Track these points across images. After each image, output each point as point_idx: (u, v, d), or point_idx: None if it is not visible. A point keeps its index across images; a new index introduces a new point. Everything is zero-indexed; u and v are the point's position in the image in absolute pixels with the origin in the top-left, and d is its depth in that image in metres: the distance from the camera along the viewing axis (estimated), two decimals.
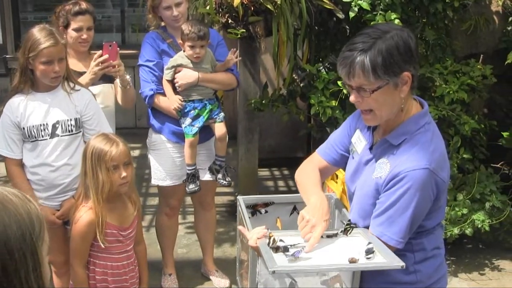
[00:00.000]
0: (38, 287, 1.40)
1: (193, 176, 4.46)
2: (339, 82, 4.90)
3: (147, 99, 4.45)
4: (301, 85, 5.63)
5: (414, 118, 2.55)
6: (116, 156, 3.30)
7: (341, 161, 2.87)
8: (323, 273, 2.52)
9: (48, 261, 1.50)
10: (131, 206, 3.54)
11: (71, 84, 3.89)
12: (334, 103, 4.97)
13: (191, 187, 4.45)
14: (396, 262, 2.32)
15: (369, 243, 2.45)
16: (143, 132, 4.35)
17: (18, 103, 3.80)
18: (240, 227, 2.70)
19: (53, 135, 3.82)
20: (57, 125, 3.82)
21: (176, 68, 4.34)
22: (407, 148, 2.49)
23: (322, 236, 2.55)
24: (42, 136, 3.81)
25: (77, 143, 3.90)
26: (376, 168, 2.56)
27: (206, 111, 4.42)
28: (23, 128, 3.79)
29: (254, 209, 2.98)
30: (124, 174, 3.32)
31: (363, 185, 2.62)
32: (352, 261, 2.33)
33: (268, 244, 2.43)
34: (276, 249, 2.39)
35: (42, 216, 1.45)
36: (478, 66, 5.31)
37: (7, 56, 8.47)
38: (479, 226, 5.02)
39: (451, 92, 4.99)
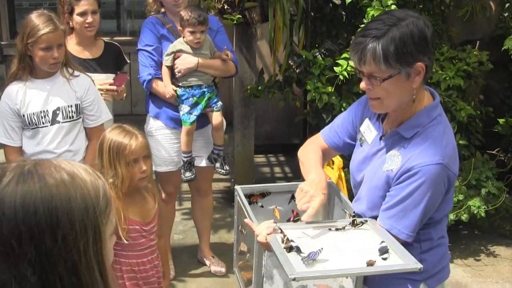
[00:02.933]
0: (98, 262, 1.41)
1: (189, 164, 4.46)
2: (335, 68, 4.90)
3: (145, 84, 4.44)
4: (297, 71, 5.61)
5: (426, 110, 2.50)
6: (136, 149, 3.16)
7: (343, 147, 2.85)
8: None
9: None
10: (151, 199, 3.40)
11: (70, 70, 3.87)
12: (330, 89, 4.97)
13: (187, 175, 4.45)
14: (414, 264, 2.27)
15: (382, 241, 2.40)
16: (139, 119, 4.35)
17: (16, 90, 3.77)
18: (247, 221, 2.62)
19: (53, 121, 3.80)
20: (57, 112, 3.80)
21: (176, 54, 4.32)
22: (420, 142, 2.45)
23: (330, 229, 2.53)
24: (43, 123, 3.79)
25: (77, 129, 3.89)
26: (386, 160, 2.52)
27: (205, 99, 4.41)
28: (23, 116, 3.77)
29: (250, 199, 2.92)
30: (144, 167, 3.19)
31: (373, 177, 2.59)
32: (370, 263, 2.27)
33: (282, 242, 2.38)
34: (289, 249, 2.32)
35: (110, 196, 1.46)
36: (475, 53, 5.30)
37: (2, 43, 8.42)
38: (475, 212, 5.03)
39: (447, 78, 4.99)
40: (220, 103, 4.51)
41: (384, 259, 2.32)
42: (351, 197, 2.88)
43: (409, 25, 2.36)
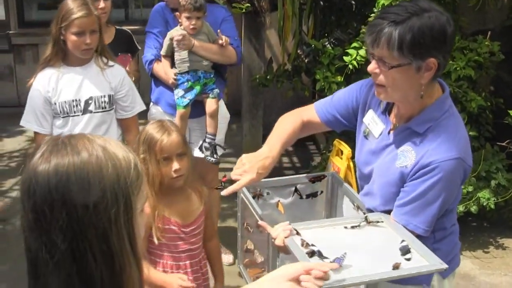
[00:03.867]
0: (128, 232, 1.43)
1: None
2: (345, 58, 4.85)
3: (147, 64, 4.44)
4: (306, 60, 5.58)
5: (437, 103, 2.46)
6: (167, 146, 2.95)
7: (334, 124, 2.80)
8: None
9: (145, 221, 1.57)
10: (197, 199, 3.16)
11: (105, 60, 3.81)
12: (339, 78, 4.93)
13: None
14: (439, 265, 2.23)
15: (402, 240, 2.36)
16: (146, 109, 4.32)
17: (49, 77, 3.70)
18: (262, 223, 2.53)
19: (85, 111, 3.74)
20: (90, 101, 3.74)
21: (173, 40, 4.29)
22: (434, 137, 2.40)
23: (346, 227, 2.48)
24: (74, 112, 3.73)
25: (109, 120, 3.84)
26: (399, 156, 2.48)
27: (200, 84, 4.37)
28: (55, 103, 3.70)
29: (253, 194, 2.85)
30: (176, 167, 2.95)
31: (385, 172, 2.54)
32: (396, 266, 2.22)
33: (302, 245, 2.33)
34: (311, 253, 2.27)
35: (142, 170, 1.49)
36: (486, 43, 5.23)
37: (10, 32, 8.41)
38: (484, 204, 5.00)
39: (458, 68, 4.94)
40: (216, 90, 4.46)
41: (408, 259, 2.27)
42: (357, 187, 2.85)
43: (431, 17, 2.30)
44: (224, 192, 2.48)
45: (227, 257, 4.84)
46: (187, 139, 4.13)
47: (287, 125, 2.76)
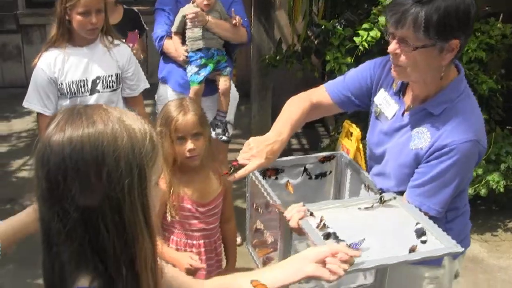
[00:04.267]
0: (142, 203, 1.43)
1: None
2: (355, 39, 4.81)
3: (157, 41, 4.40)
4: (316, 41, 5.54)
5: (453, 85, 2.44)
6: (181, 126, 2.93)
7: (347, 104, 2.76)
8: None
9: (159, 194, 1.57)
10: (216, 180, 3.15)
11: (110, 39, 3.78)
12: (349, 59, 4.89)
13: None
14: (455, 248, 2.22)
15: (417, 222, 2.35)
16: (154, 89, 4.30)
17: (54, 57, 3.66)
18: (275, 204, 2.51)
19: (93, 91, 3.72)
20: (97, 81, 3.72)
21: (186, 18, 4.25)
22: (450, 118, 2.38)
23: (359, 208, 2.47)
24: (82, 93, 3.70)
25: (116, 100, 3.82)
26: (413, 137, 2.46)
27: (213, 61, 4.34)
28: (61, 84, 3.66)
29: (265, 174, 2.84)
30: (190, 147, 2.93)
31: (399, 154, 2.53)
32: (412, 249, 2.21)
33: (317, 227, 2.31)
34: (327, 236, 2.26)
35: (157, 142, 1.50)
36: (498, 25, 5.18)
37: (18, 12, 8.38)
38: (494, 187, 4.98)
39: (469, 51, 4.89)
40: (229, 68, 4.45)
41: (423, 242, 2.26)
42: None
43: None
44: (231, 178, 2.44)
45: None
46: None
47: (295, 108, 2.70)
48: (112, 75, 3.77)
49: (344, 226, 2.32)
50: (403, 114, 2.54)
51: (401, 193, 2.53)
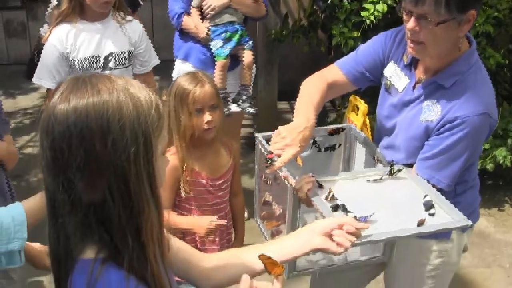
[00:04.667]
0: (148, 173, 1.42)
1: (224, 100, 4.39)
2: (362, 13, 4.78)
3: (175, 19, 4.36)
4: (322, 16, 5.52)
5: (465, 57, 2.42)
6: (200, 97, 2.88)
7: (361, 81, 2.73)
8: None
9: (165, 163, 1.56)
10: (227, 154, 3.14)
11: (122, 14, 3.71)
12: (356, 34, 4.87)
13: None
14: (463, 221, 2.21)
15: (426, 195, 2.34)
16: (161, 66, 4.26)
17: (66, 32, 3.58)
18: (284, 174, 2.48)
19: (105, 67, 3.66)
20: (109, 58, 3.66)
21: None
22: (461, 91, 2.37)
23: (368, 180, 2.47)
24: (94, 69, 3.64)
25: (127, 76, 3.74)
26: (423, 110, 2.45)
27: (237, 35, 4.33)
28: (73, 60, 3.60)
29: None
30: (208, 118, 2.89)
31: (409, 127, 2.52)
32: (420, 223, 2.20)
33: (326, 199, 2.31)
34: (335, 207, 2.25)
35: (163, 112, 1.48)
36: None
37: None
38: (501, 162, 4.97)
39: (477, 25, 4.86)
40: (251, 42, 4.44)
41: (431, 215, 2.25)
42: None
43: None
44: (269, 170, 2.37)
45: None
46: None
47: (314, 90, 2.66)
48: (124, 52, 3.71)
49: (352, 198, 2.31)
50: (414, 87, 2.52)
51: (411, 165, 2.52)
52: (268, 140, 2.78)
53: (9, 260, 2.15)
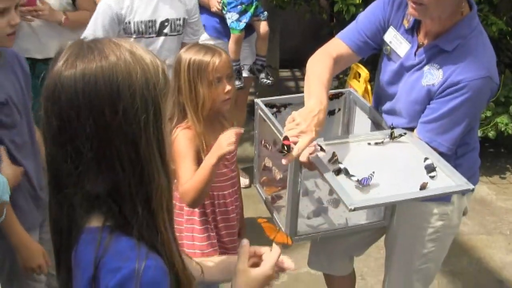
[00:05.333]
0: (157, 139, 1.39)
1: (238, 72, 4.40)
2: None
3: None
4: None
5: (466, 21, 2.40)
6: (220, 66, 2.76)
7: (365, 50, 2.70)
8: None
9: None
10: (228, 126, 2.93)
11: None
12: (358, 0, 4.84)
13: (236, 83, 4.32)
14: (466, 185, 2.22)
15: (426, 158, 2.34)
16: None
17: None
18: (287, 140, 2.37)
19: (160, 33, 3.62)
20: (165, 24, 3.62)
21: None
22: (463, 55, 2.36)
23: (369, 143, 2.46)
24: (149, 34, 3.59)
25: (178, 45, 3.71)
26: (425, 74, 2.45)
27: (253, 7, 4.34)
28: (128, 23, 3.52)
29: (272, 109, 2.82)
30: (228, 87, 2.79)
31: (411, 91, 2.51)
32: (423, 186, 2.20)
33: (328, 162, 2.31)
34: (338, 171, 2.24)
35: (168, 77, 1.44)
36: None
37: None
38: (502, 129, 4.96)
39: None
40: (266, 12, 4.44)
41: (432, 177, 2.26)
42: None
43: None
44: (285, 160, 2.28)
45: (243, 180, 4.85)
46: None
47: (322, 69, 2.61)
48: (180, 19, 3.67)
49: (354, 162, 2.31)
50: (415, 53, 2.51)
51: (412, 129, 2.52)
52: (267, 105, 2.78)
53: None
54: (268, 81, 4.54)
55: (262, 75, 4.52)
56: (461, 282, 4.03)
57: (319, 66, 2.62)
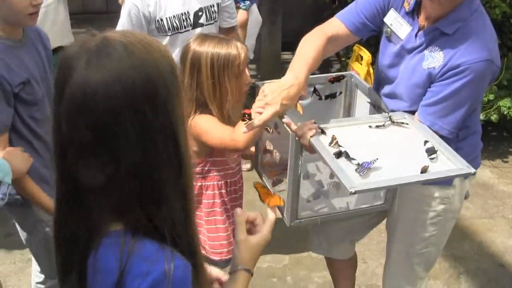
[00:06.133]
0: (184, 128, 1.32)
1: None
2: None
3: None
4: None
5: (466, 3, 2.38)
6: (245, 58, 2.66)
7: (363, 31, 2.67)
8: None
9: None
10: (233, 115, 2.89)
11: None
12: None
13: None
14: (467, 169, 2.20)
15: (426, 141, 2.33)
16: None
17: None
18: (286, 120, 2.42)
19: (195, 24, 3.41)
20: (200, 13, 3.41)
21: None
22: (464, 37, 2.34)
23: (370, 126, 2.45)
24: (185, 27, 3.38)
25: (216, 32, 3.50)
26: (426, 57, 2.43)
27: None
28: (160, 20, 3.31)
29: None
30: (249, 77, 2.72)
31: (411, 74, 2.49)
32: (424, 169, 2.19)
33: (329, 145, 2.29)
34: (338, 154, 2.23)
35: (176, 66, 1.35)
36: None
37: None
38: (505, 113, 4.95)
39: None
40: (248, 2, 4.38)
41: (433, 159, 2.25)
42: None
43: None
44: (244, 130, 2.30)
45: (245, 164, 4.85)
46: None
47: (310, 47, 2.58)
48: (213, 5, 3.46)
49: (355, 145, 2.29)
50: (416, 35, 2.49)
51: (413, 113, 2.50)
52: None
53: None
54: None
55: None
56: (463, 266, 4.03)
57: (307, 44, 2.59)
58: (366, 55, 3.89)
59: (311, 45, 2.57)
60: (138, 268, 1.27)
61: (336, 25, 2.68)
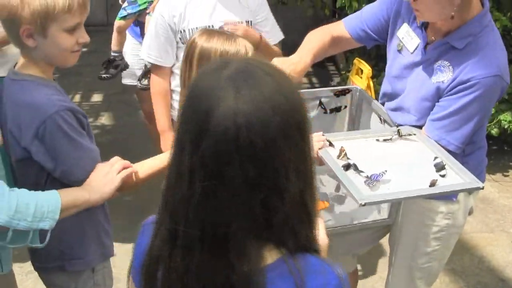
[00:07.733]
0: None
1: (109, 63, 4.46)
2: None
3: None
4: None
5: (477, 19, 2.38)
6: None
7: (364, 39, 2.72)
8: None
9: None
10: None
11: None
12: None
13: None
14: (475, 183, 2.21)
15: (436, 157, 2.33)
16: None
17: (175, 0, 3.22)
18: None
19: None
20: (226, 29, 3.22)
21: None
22: (474, 52, 2.34)
23: (378, 140, 2.46)
24: None
25: None
26: (435, 71, 2.43)
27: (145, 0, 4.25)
28: (183, 31, 3.22)
29: None
30: None
31: (420, 87, 2.49)
32: (432, 183, 2.19)
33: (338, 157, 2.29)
34: (347, 167, 2.24)
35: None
36: None
37: None
38: (506, 127, 4.94)
39: None
40: None
41: (443, 176, 2.25)
42: None
43: None
44: None
45: None
46: None
47: (317, 39, 2.68)
48: (242, 22, 3.28)
49: (363, 157, 2.30)
50: (425, 48, 2.49)
51: (421, 127, 2.50)
52: None
53: (33, 239, 2.10)
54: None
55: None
56: (463, 280, 4.01)
57: (313, 36, 2.72)
58: (366, 68, 3.87)
59: (316, 38, 2.69)
60: (315, 282, 1.23)
61: (341, 29, 2.75)
